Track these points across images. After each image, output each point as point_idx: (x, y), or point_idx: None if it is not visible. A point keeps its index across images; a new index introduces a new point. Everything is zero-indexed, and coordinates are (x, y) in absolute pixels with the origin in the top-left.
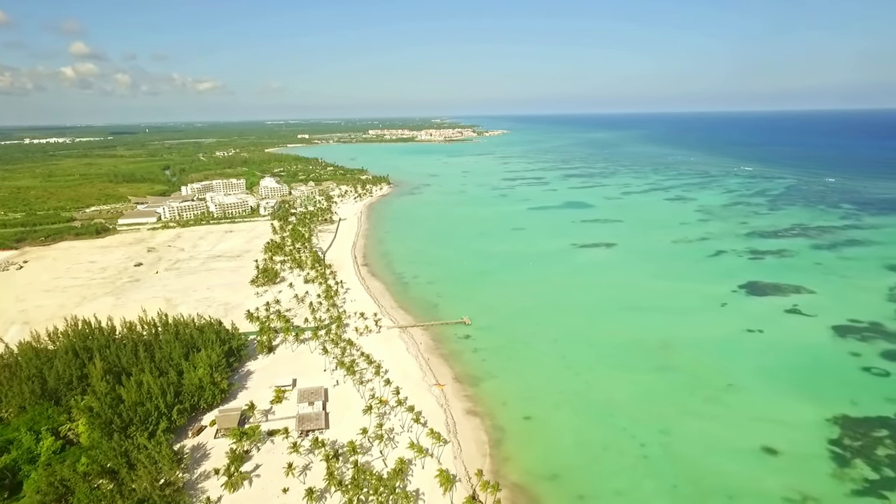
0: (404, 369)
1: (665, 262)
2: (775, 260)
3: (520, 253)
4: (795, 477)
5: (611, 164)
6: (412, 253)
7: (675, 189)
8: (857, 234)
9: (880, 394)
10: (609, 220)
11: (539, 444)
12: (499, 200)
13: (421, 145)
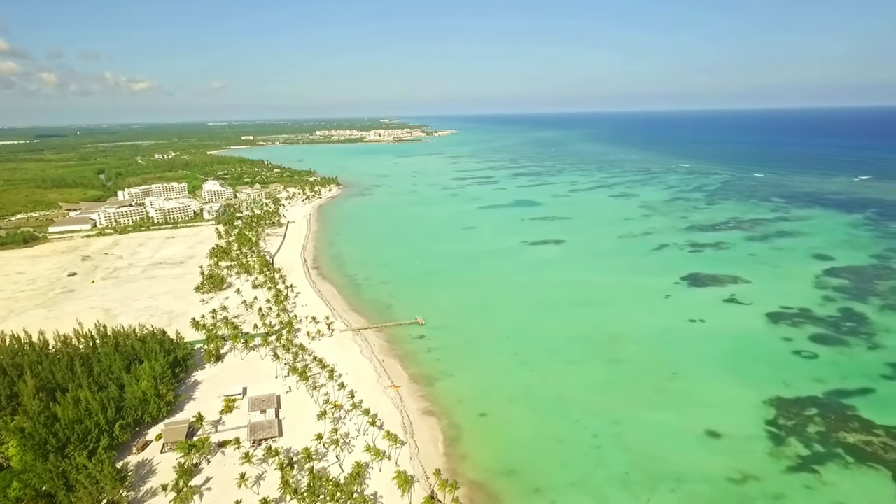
0: (359, 372)
1: (612, 257)
2: (713, 252)
3: (472, 252)
4: (737, 458)
5: (558, 163)
6: (364, 254)
7: (620, 186)
8: (785, 226)
9: (809, 375)
10: (557, 218)
11: (495, 440)
12: (449, 200)
13: (370, 146)
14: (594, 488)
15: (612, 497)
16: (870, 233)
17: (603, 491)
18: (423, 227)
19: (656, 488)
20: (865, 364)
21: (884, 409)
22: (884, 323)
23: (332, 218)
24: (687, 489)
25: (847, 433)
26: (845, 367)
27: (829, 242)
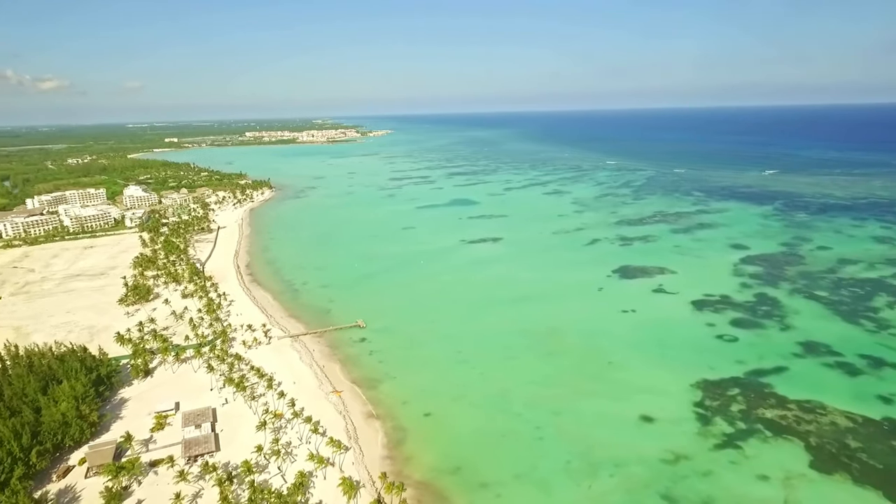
0: (299, 379)
1: (547, 253)
2: (641, 245)
3: (411, 252)
4: (669, 440)
5: (493, 162)
6: (300, 258)
7: (552, 183)
8: (705, 218)
9: (731, 357)
10: (494, 216)
11: (440, 439)
12: (387, 200)
13: (303, 147)
14: (538, 479)
15: (556, 486)
16: (779, 222)
17: (547, 481)
18: (360, 228)
19: (596, 474)
20: (779, 344)
21: (796, 385)
22: (794, 306)
23: (265, 222)
24: (625, 473)
25: (765, 409)
26: (762, 348)
27: (743, 233)
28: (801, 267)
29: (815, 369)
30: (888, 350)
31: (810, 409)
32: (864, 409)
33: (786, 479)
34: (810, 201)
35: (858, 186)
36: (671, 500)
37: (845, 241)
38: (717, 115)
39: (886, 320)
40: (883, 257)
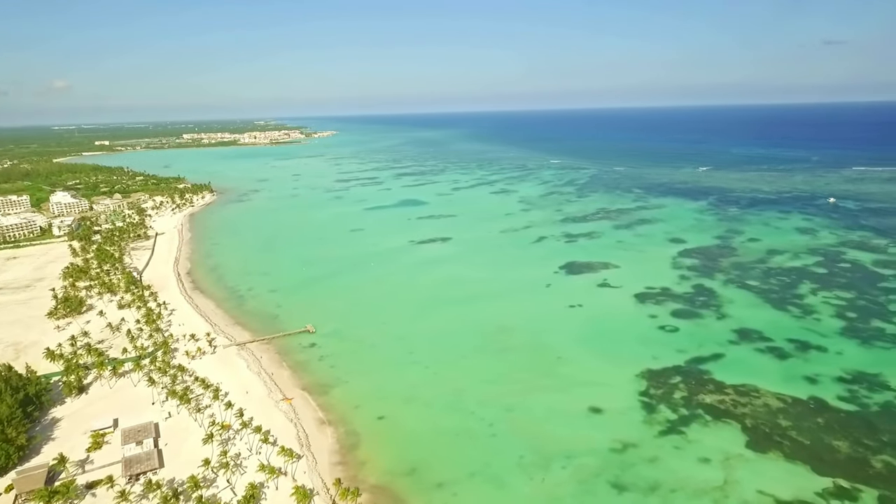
0: (247, 388)
1: (496, 252)
2: (586, 241)
3: (360, 254)
4: (617, 429)
5: (440, 162)
6: (245, 264)
7: (499, 183)
8: (645, 214)
9: (673, 347)
10: (443, 216)
11: (395, 441)
12: (334, 202)
13: (245, 149)
14: (493, 475)
15: (510, 481)
16: (713, 217)
17: (501, 477)
18: (307, 231)
19: (549, 467)
20: (716, 333)
21: (732, 371)
22: (728, 295)
23: (207, 227)
24: (576, 464)
25: (705, 395)
26: (700, 337)
27: (681, 227)
28: (734, 258)
29: (749, 355)
30: (812, 334)
31: (745, 392)
32: (792, 390)
33: (725, 459)
34: (740, 196)
35: (782, 181)
36: (620, 487)
37: (773, 233)
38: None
39: (810, 306)
40: (806, 247)
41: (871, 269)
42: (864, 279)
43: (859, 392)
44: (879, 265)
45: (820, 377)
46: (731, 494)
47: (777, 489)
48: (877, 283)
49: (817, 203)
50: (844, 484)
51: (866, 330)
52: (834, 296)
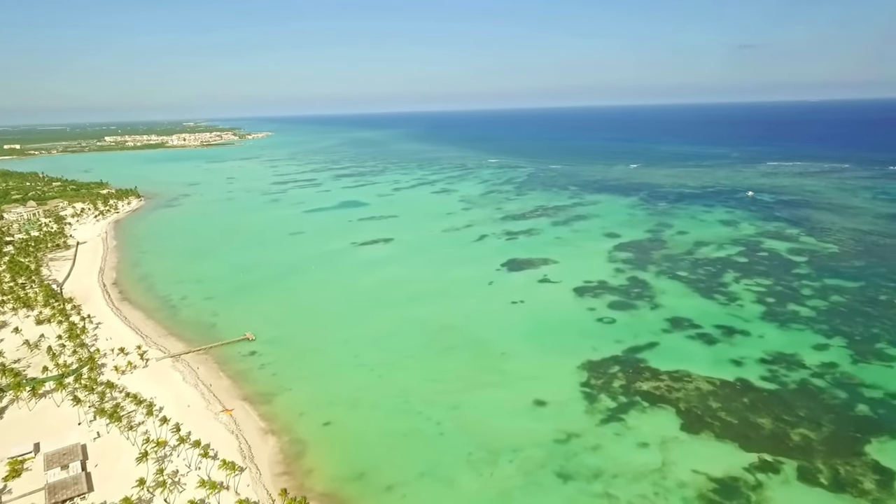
0: (183, 402)
1: (438, 251)
2: (526, 238)
3: (300, 257)
4: (560, 420)
5: (380, 163)
6: (177, 272)
7: (440, 182)
8: (582, 210)
9: (611, 338)
10: (384, 217)
11: (342, 447)
12: (271, 206)
13: (173, 151)
14: (442, 474)
15: (459, 478)
16: (644, 211)
17: (450, 475)
18: (244, 236)
19: (497, 462)
20: (650, 322)
21: (666, 358)
22: (660, 286)
23: (134, 234)
24: (523, 457)
25: (642, 382)
26: (636, 327)
27: (615, 222)
28: (665, 251)
29: (681, 342)
30: (737, 319)
31: (678, 378)
32: (720, 373)
33: (662, 443)
34: (669, 191)
35: (706, 177)
36: (565, 476)
37: (699, 226)
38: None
39: (734, 293)
40: (729, 238)
41: (785, 256)
42: (780, 266)
43: (779, 372)
44: (793, 253)
45: (744, 360)
46: (668, 476)
47: (709, 467)
48: (791, 269)
49: (737, 196)
50: (768, 458)
51: (783, 313)
52: (754, 283)
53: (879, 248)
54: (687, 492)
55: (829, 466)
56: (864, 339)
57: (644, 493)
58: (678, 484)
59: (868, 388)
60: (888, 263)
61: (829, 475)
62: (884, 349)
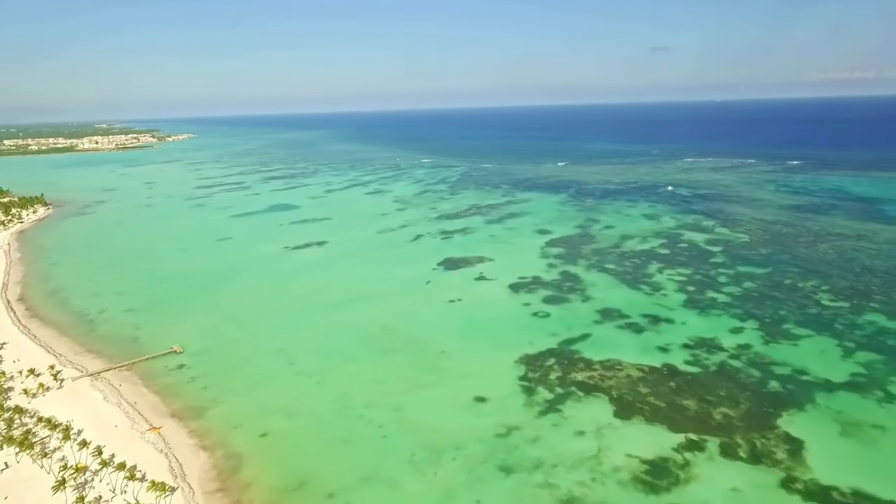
0: (105, 422)
1: (374, 252)
2: (461, 237)
3: (230, 264)
4: (501, 415)
5: (311, 164)
6: (93, 284)
7: (373, 183)
8: (514, 208)
9: (546, 331)
10: (317, 219)
11: (280, 458)
12: (196, 211)
13: (85, 155)
14: (386, 477)
15: (403, 480)
16: (573, 208)
17: (394, 477)
18: (167, 243)
19: (440, 461)
20: (583, 314)
21: (598, 348)
22: (590, 279)
23: (42, 245)
24: (465, 454)
25: (576, 373)
26: (569, 319)
27: (546, 219)
28: (593, 245)
29: (611, 332)
30: (661, 308)
31: (610, 366)
32: (649, 360)
33: (597, 430)
34: (595, 187)
35: (629, 173)
36: (507, 469)
37: (624, 220)
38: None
39: (658, 283)
40: (652, 231)
41: (703, 247)
42: (698, 256)
43: (700, 355)
44: (709, 243)
45: (670, 346)
46: (604, 461)
47: (641, 450)
48: (708, 259)
49: (658, 192)
50: (694, 437)
51: (703, 300)
52: (676, 273)
53: (783, 237)
54: (622, 475)
55: (747, 441)
56: (773, 320)
57: (582, 480)
58: (613, 468)
59: (778, 366)
60: (791, 250)
61: (747, 449)
62: (790, 329)
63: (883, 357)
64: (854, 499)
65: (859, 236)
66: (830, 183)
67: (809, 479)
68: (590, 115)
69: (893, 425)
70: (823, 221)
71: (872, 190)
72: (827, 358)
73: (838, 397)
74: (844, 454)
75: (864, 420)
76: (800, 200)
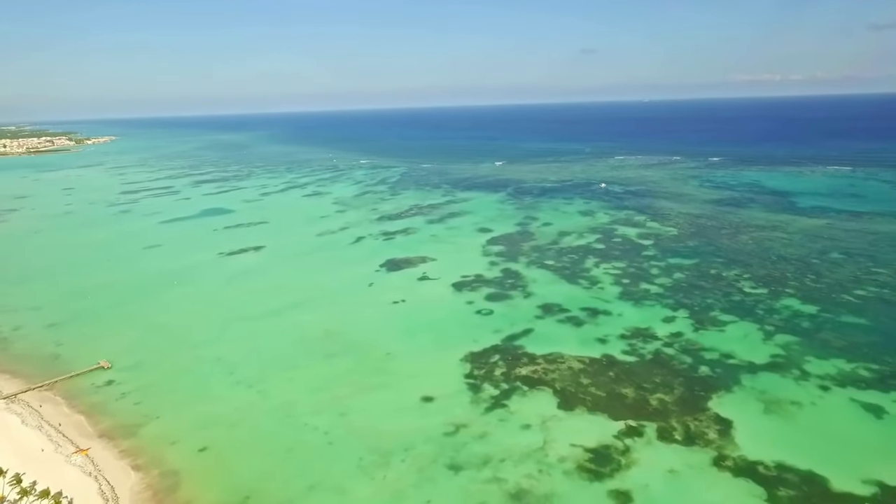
0: (24, 447)
1: (314, 256)
2: (403, 238)
3: (160, 273)
4: (448, 414)
5: (245, 166)
6: (7, 299)
7: (311, 185)
8: (455, 207)
9: (490, 328)
10: (253, 224)
11: (223, 472)
12: (121, 218)
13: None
14: (333, 484)
15: (351, 486)
16: (512, 206)
17: (342, 484)
18: (90, 252)
19: (389, 463)
20: (525, 310)
21: (540, 342)
22: (531, 275)
23: None
24: (414, 454)
25: (521, 368)
26: (512, 315)
27: (486, 217)
28: (533, 242)
29: (553, 326)
30: (599, 301)
31: (553, 360)
32: (589, 352)
33: (542, 423)
34: (533, 186)
35: (565, 171)
36: (456, 467)
37: (561, 217)
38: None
39: (595, 277)
40: (588, 227)
41: (635, 241)
42: (631, 250)
43: (637, 345)
44: (641, 237)
45: (608, 337)
46: (550, 453)
47: (585, 440)
48: (641, 252)
49: (592, 189)
50: (633, 423)
51: (637, 292)
52: (612, 266)
53: (707, 229)
54: (567, 465)
55: (682, 424)
56: (701, 308)
57: (529, 473)
58: (559, 459)
59: (707, 352)
60: (715, 242)
61: (682, 432)
62: (717, 316)
63: (798, 338)
64: (777, 471)
65: (774, 227)
66: (748, 178)
67: (738, 456)
68: (526, 115)
69: (808, 401)
70: (743, 214)
71: (784, 183)
72: (750, 341)
73: (761, 378)
74: (767, 430)
75: (784, 397)
76: (721, 195)
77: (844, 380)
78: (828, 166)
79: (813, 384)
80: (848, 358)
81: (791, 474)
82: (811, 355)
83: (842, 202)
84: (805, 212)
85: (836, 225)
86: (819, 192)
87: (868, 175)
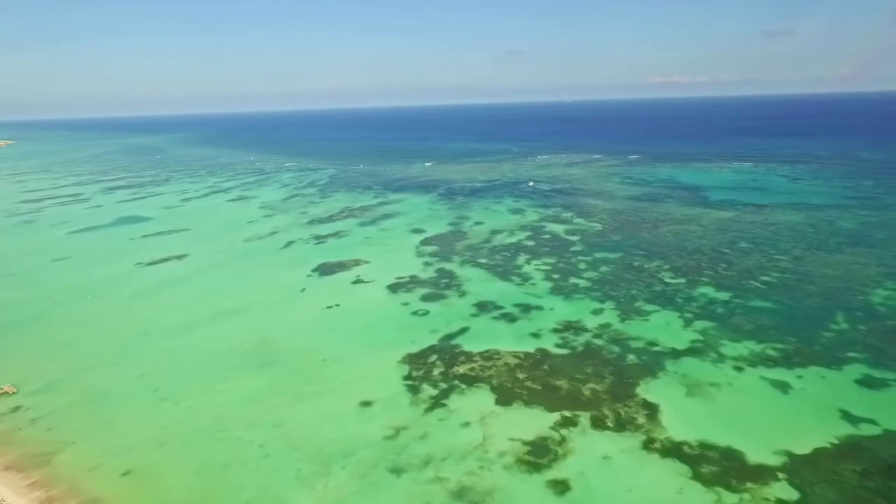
0: None
1: (242, 263)
2: (335, 241)
3: (69, 288)
4: (388, 416)
5: (162, 171)
6: None
7: (236, 189)
8: (387, 209)
9: (426, 328)
10: (174, 231)
11: (151, 495)
12: (22, 229)
13: None
14: (272, 498)
15: (291, 498)
16: (444, 206)
17: (281, 496)
18: None
19: (329, 472)
20: (460, 309)
21: (477, 340)
22: (465, 274)
23: None
24: (355, 460)
25: (458, 366)
26: (448, 315)
27: (418, 218)
28: (466, 241)
29: (488, 324)
30: (531, 296)
31: (489, 357)
32: (523, 347)
33: (481, 419)
34: (464, 185)
35: (493, 171)
36: (399, 470)
37: (492, 216)
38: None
39: (527, 273)
40: (518, 225)
41: (564, 237)
42: (560, 246)
43: (568, 338)
44: (569, 233)
45: (541, 331)
46: (490, 449)
47: (523, 433)
48: (569, 248)
49: (521, 187)
50: (568, 414)
51: (567, 286)
52: (542, 262)
53: (629, 224)
54: (507, 459)
55: (613, 411)
56: (626, 300)
57: (471, 470)
58: (499, 454)
59: (633, 341)
60: (636, 236)
61: (613, 419)
62: (641, 306)
63: (714, 324)
64: (700, 449)
65: (689, 220)
66: (663, 174)
67: (665, 438)
68: (454, 115)
69: (725, 381)
70: (660, 209)
71: (697, 179)
72: (671, 329)
73: (683, 362)
74: (690, 412)
75: (704, 380)
76: (640, 191)
77: (755, 360)
78: (733, 162)
79: (728, 366)
80: (757, 339)
81: (712, 451)
82: (726, 339)
83: (747, 195)
84: (716, 205)
85: (743, 217)
86: (727, 187)
87: (768, 170)
